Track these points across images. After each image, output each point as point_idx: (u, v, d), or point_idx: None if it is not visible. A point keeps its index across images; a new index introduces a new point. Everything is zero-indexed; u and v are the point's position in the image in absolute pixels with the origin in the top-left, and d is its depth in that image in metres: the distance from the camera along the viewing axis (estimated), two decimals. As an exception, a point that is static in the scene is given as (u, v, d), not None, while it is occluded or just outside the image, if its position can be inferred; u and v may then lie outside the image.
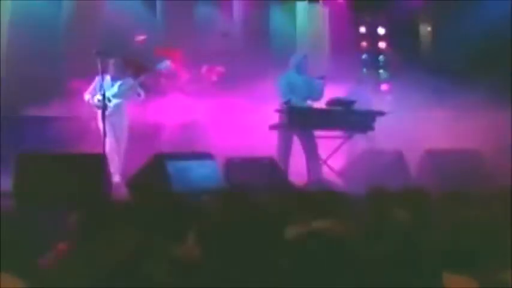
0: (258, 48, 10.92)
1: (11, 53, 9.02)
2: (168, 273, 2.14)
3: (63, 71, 9.13)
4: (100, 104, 7.50)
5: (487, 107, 9.07)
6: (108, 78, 7.85)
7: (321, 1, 12.55)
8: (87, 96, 7.86)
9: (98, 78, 7.72)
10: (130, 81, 7.96)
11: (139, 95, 7.98)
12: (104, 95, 7.31)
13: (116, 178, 7.31)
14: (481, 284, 2.09)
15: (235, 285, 2.26)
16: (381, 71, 13.00)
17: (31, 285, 2.23)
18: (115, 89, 7.88)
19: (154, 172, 6.45)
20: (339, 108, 8.19)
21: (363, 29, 13.18)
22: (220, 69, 9.70)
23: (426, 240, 2.57)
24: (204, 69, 9.63)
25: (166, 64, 8.18)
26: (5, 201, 5.57)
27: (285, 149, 8.02)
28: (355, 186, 6.24)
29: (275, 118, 7.97)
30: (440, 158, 8.56)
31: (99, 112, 7.56)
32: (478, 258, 2.12)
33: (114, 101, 7.79)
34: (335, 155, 8.35)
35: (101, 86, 7.38)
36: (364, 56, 13.08)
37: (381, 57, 13.17)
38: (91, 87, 7.86)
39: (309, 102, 8.26)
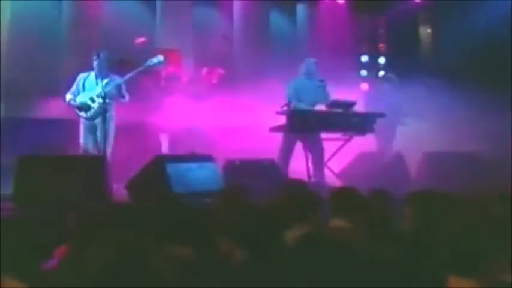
0: (258, 49, 10.93)
1: (11, 54, 9.02)
2: (168, 274, 2.14)
3: (63, 72, 9.13)
4: (82, 105, 7.25)
5: (487, 108, 9.08)
6: (92, 76, 7.39)
7: (320, 2, 12.57)
8: (68, 97, 7.39)
9: (79, 77, 7.44)
10: (117, 79, 7.33)
11: (123, 96, 7.36)
12: (104, 97, 7.11)
13: None
14: (483, 286, 2.08)
15: (236, 285, 2.26)
16: (381, 72, 13.01)
17: (32, 287, 2.23)
18: (99, 88, 7.23)
19: (154, 174, 6.44)
20: (338, 110, 8.20)
21: (362, 31, 13.19)
22: (220, 71, 9.69)
23: (427, 242, 2.57)
24: (204, 71, 9.62)
25: (158, 59, 7.41)
26: (5, 204, 5.58)
27: (286, 152, 8.03)
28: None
29: (275, 120, 7.97)
30: (439, 159, 8.56)
31: (82, 114, 7.31)
32: (478, 261, 2.12)
33: (99, 101, 7.21)
34: (335, 157, 8.35)
35: (102, 86, 7.13)
36: (363, 58, 13.09)
37: (381, 59, 13.17)
38: (73, 86, 7.43)
39: (317, 106, 8.29)
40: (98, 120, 7.24)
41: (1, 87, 8.75)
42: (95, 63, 7.35)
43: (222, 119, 8.99)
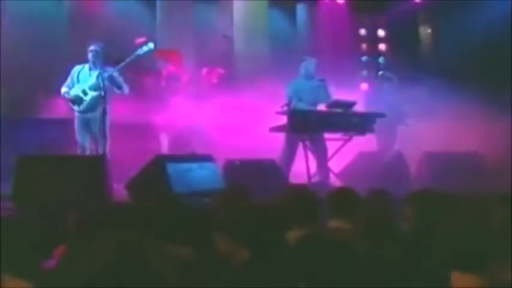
0: (258, 49, 10.92)
1: (11, 54, 9.02)
2: (168, 274, 2.14)
3: (63, 72, 9.12)
4: (75, 98, 7.12)
5: (487, 108, 9.08)
6: (86, 68, 7.26)
7: (320, 2, 12.56)
8: (63, 89, 7.26)
9: (74, 69, 7.35)
10: (109, 70, 7.13)
11: (119, 87, 7.18)
12: (97, 88, 6.97)
13: None
14: (483, 284, 2.08)
15: (236, 285, 2.25)
16: (381, 72, 12.99)
17: (32, 287, 2.23)
18: (93, 79, 7.08)
19: (154, 174, 6.43)
20: (339, 110, 8.19)
21: (362, 31, 13.19)
22: (220, 71, 9.68)
23: (427, 242, 2.57)
24: (204, 71, 9.62)
25: (149, 47, 7.19)
26: (5, 204, 5.58)
27: (289, 154, 8.03)
28: (355, 188, 6.23)
29: (276, 120, 7.97)
30: (439, 159, 8.56)
31: (75, 107, 7.20)
32: (478, 261, 2.12)
33: (92, 94, 7.09)
34: (335, 157, 8.35)
35: (95, 77, 7.01)
36: (364, 58, 13.08)
37: (381, 59, 13.17)
38: (68, 79, 7.32)
39: (318, 106, 8.29)
40: (90, 115, 7.14)
41: (1, 87, 8.75)
42: (90, 55, 7.24)
43: (222, 119, 8.98)
